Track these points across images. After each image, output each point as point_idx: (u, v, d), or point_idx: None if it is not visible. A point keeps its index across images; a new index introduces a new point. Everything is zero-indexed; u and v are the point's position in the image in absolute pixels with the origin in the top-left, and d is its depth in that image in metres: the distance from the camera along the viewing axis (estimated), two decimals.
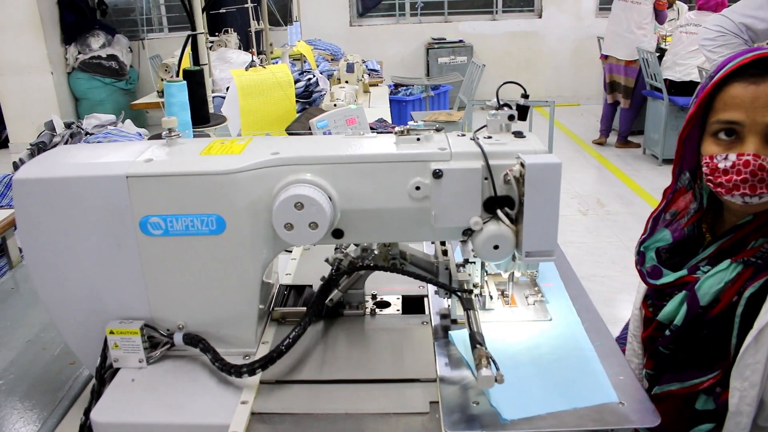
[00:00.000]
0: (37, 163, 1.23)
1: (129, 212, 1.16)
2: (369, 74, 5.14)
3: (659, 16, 6.59)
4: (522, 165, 1.09)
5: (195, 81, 1.99)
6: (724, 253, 1.28)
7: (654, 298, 1.40)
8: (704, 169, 1.26)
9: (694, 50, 5.64)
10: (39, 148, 2.91)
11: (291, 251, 1.68)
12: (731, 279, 1.23)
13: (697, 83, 5.66)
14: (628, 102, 6.79)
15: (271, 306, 1.41)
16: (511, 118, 1.22)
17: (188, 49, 2.01)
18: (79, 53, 7.81)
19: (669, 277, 1.34)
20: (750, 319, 1.21)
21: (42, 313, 1.74)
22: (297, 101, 3.54)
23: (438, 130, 1.23)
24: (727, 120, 1.20)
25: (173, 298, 1.23)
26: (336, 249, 1.37)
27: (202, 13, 2.13)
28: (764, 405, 1.22)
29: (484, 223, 1.15)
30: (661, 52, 6.49)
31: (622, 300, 3.82)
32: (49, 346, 1.60)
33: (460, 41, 8.84)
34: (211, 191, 1.15)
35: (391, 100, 6.64)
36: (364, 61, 5.20)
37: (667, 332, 1.33)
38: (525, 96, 1.26)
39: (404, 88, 6.77)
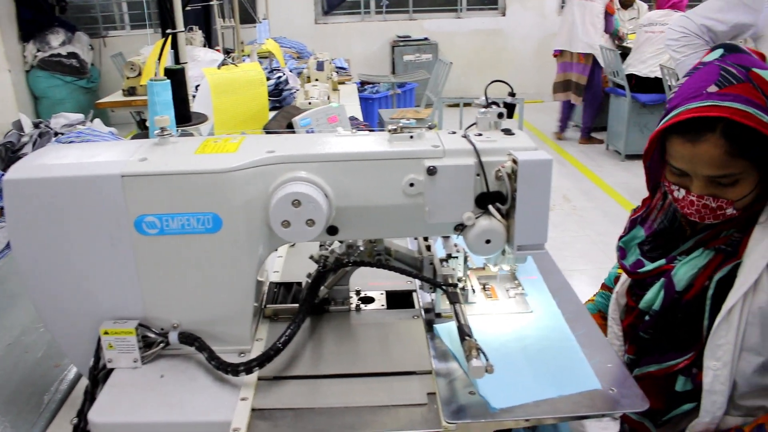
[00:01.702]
0: (26, 164, 1.22)
1: (124, 211, 1.16)
2: (337, 72, 5.15)
3: (607, 23, 6.76)
4: (514, 161, 1.12)
5: (177, 80, 1.98)
6: (701, 245, 1.35)
7: (636, 288, 1.46)
8: (665, 186, 1.37)
9: (660, 48, 5.77)
10: (6, 148, 2.85)
11: (276, 249, 1.69)
12: (704, 265, 1.32)
13: (660, 80, 5.80)
14: (579, 99, 6.94)
15: (263, 303, 1.42)
16: (500, 116, 1.25)
17: (166, 47, 2.00)
18: (38, 51, 7.63)
19: (649, 266, 1.41)
20: (720, 302, 1.29)
21: (22, 315, 1.72)
22: (268, 99, 3.54)
23: (430, 127, 1.26)
24: (674, 165, 1.30)
25: (168, 297, 1.23)
26: (321, 246, 1.38)
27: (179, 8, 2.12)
28: (737, 384, 1.30)
29: (477, 218, 1.18)
30: (624, 50, 6.63)
31: (589, 294, 3.90)
32: (31, 348, 1.58)
33: (425, 39, 8.89)
34: (207, 190, 1.16)
35: (359, 98, 6.66)
36: (332, 59, 5.21)
37: (647, 318, 1.40)
38: (512, 94, 1.30)
39: (371, 85, 6.78)
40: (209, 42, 5.59)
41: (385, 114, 5.92)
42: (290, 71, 4.32)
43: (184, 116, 2.08)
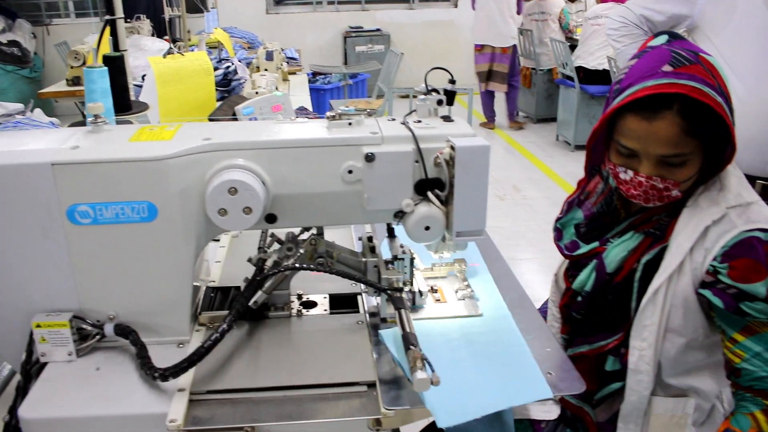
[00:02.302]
0: None
1: (55, 201, 1.13)
2: (287, 62, 5.10)
3: (519, 6, 7.02)
4: (452, 148, 1.12)
5: (116, 67, 1.93)
6: (633, 228, 1.38)
7: (572, 269, 1.49)
8: (609, 169, 1.36)
9: (606, 40, 5.87)
10: None
11: (219, 239, 1.67)
12: (633, 248, 1.35)
13: (608, 72, 5.91)
14: (505, 87, 7.15)
15: (198, 310, 1.35)
16: (439, 102, 1.25)
17: (106, 34, 1.95)
18: None
19: (584, 248, 1.44)
20: (647, 284, 1.32)
21: None
22: (216, 89, 3.48)
23: (369, 114, 1.25)
24: (624, 145, 1.30)
25: (103, 288, 1.21)
26: (259, 249, 1.34)
27: None
28: (662, 365, 1.34)
29: (416, 205, 1.18)
30: (572, 43, 6.73)
31: (540, 282, 3.96)
32: None
33: (378, 30, 8.87)
34: (141, 178, 1.14)
35: (309, 89, 6.61)
36: (282, 50, 5.16)
37: (579, 298, 1.43)
38: (452, 81, 1.30)
39: (322, 76, 6.75)
40: (159, 32, 5.48)
41: (336, 105, 5.88)
42: (239, 61, 4.26)
43: (125, 105, 2.04)
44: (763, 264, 1.20)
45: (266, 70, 4.10)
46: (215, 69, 3.84)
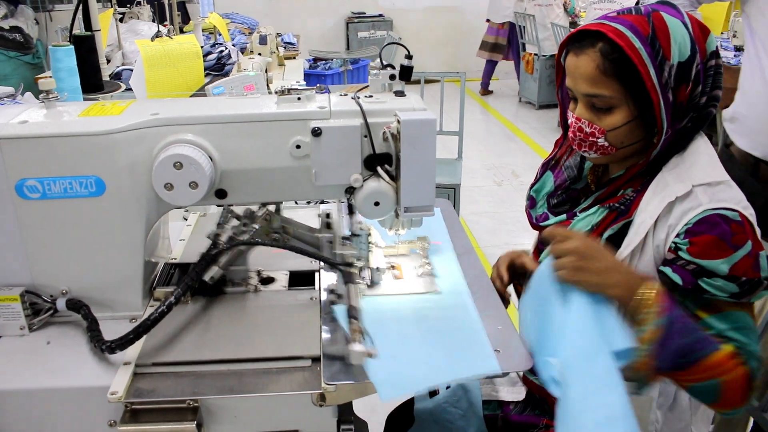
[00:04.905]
0: None
1: (3, 176, 1.13)
2: (285, 47, 5.08)
3: None
4: (399, 122, 1.11)
5: (86, 47, 1.93)
6: (599, 202, 1.36)
7: (541, 244, 1.48)
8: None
9: None
10: None
11: (186, 219, 1.67)
12: (597, 222, 1.33)
13: None
14: (500, 56, 8.09)
15: (153, 285, 1.35)
16: (392, 77, 1.24)
17: (78, 12, 1.94)
18: None
19: (551, 221, 1.42)
20: None
21: None
22: (209, 74, 3.48)
23: (322, 90, 1.24)
24: (565, 84, 1.33)
25: (55, 263, 1.21)
26: (218, 225, 1.33)
27: None
28: None
29: (365, 180, 1.17)
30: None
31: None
32: None
33: (380, 16, 8.83)
34: (89, 152, 1.14)
35: (309, 74, 6.58)
36: (279, 34, 5.14)
37: None
38: (409, 57, 1.28)
39: (323, 62, 6.73)
40: (161, 17, 5.47)
41: (336, 90, 5.87)
42: (234, 46, 4.26)
43: (96, 85, 2.04)
44: (726, 242, 1.18)
45: (259, 54, 4.08)
46: (209, 53, 3.84)
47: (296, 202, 1.74)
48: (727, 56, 4.55)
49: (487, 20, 8.08)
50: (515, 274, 1.49)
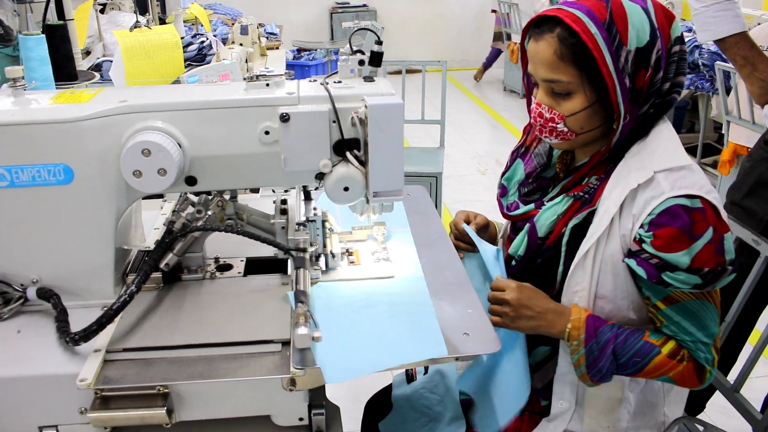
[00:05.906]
0: None
1: None
2: (267, 38, 5.06)
3: None
4: (366, 107, 1.12)
5: (58, 36, 1.92)
6: (565, 191, 1.37)
7: (512, 233, 1.48)
8: None
9: None
10: None
11: (162, 208, 1.66)
12: (562, 211, 1.33)
13: None
14: (500, 44, 8.10)
15: (126, 271, 1.35)
16: (361, 63, 1.25)
17: (51, 2, 1.92)
18: None
19: (520, 210, 1.42)
20: (575, 249, 1.30)
21: None
22: (190, 64, 3.46)
23: (291, 76, 1.24)
24: (529, 71, 1.34)
25: (25, 252, 1.21)
26: (174, 212, 1.34)
27: None
28: None
29: (334, 165, 1.18)
30: None
31: None
32: None
33: (364, 5, 8.80)
34: (56, 140, 1.13)
35: (293, 65, 6.57)
36: (261, 25, 5.11)
37: (513, 263, 1.41)
38: (379, 42, 1.29)
39: (307, 52, 6.72)
40: (142, 9, 5.43)
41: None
42: (215, 36, 4.24)
43: (70, 74, 2.02)
44: (686, 233, 1.18)
45: (240, 44, 4.06)
46: (190, 44, 3.83)
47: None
48: None
49: (493, 11, 8.18)
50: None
